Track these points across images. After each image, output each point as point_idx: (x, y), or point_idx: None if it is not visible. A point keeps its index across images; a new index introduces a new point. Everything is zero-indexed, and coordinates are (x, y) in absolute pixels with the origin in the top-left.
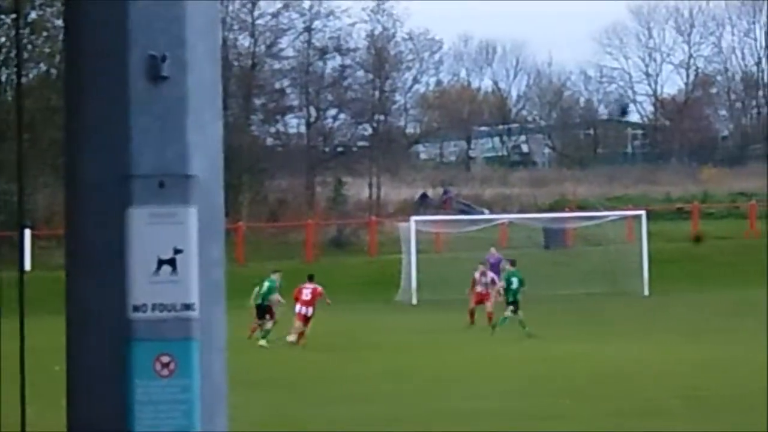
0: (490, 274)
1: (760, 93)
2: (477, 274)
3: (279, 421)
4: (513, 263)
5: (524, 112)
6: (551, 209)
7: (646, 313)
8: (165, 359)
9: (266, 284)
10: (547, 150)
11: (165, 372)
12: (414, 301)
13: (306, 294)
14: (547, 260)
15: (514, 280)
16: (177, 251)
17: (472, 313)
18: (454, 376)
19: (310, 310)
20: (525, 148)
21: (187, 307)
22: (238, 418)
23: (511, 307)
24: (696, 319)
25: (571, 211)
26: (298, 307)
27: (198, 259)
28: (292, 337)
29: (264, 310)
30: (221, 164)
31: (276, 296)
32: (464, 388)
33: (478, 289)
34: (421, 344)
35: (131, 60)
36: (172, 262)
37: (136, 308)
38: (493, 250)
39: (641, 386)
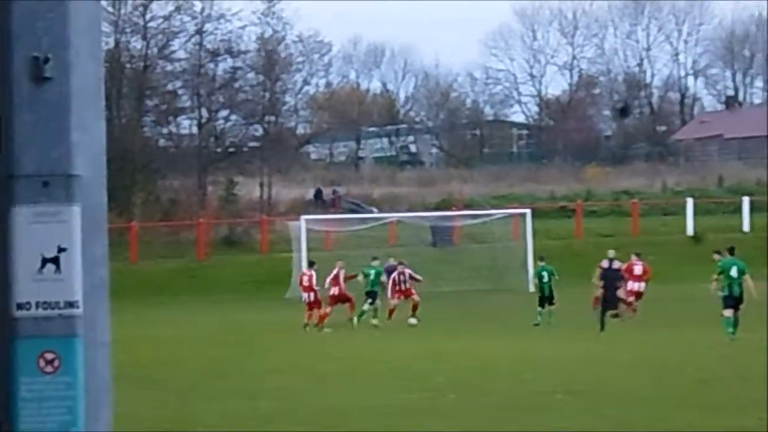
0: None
1: (642, 93)
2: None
3: (170, 417)
4: (542, 258)
5: (412, 113)
6: (438, 208)
7: (531, 309)
8: (49, 356)
9: (373, 271)
10: (434, 150)
11: (49, 369)
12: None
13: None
14: (435, 258)
15: (545, 274)
16: (61, 250)
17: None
18: (341, 372)
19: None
20: (413, 148)
21: (71, 304)
22: (130, 415)
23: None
24: (579, 314)
25: (458, 209)
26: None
27: (82, 258)
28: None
29: (374, 295)
30: (104, 164)
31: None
32: (350, 384)
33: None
34: (309, 341)
35: (14, 61)
36: (56, 261)
37: (20, 306)
38: (391, 260)
39: (527, 381)
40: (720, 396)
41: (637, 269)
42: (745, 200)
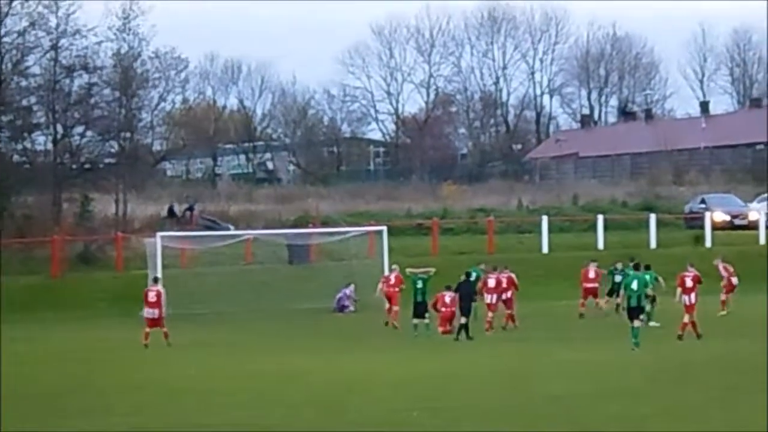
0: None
1: (498, 112)
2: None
3: None
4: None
5: (269, 130)
6: (295, 225)
7: (388, 326)
8: None
9: (474, 274)
10: (291, 167)
11: None
12: None
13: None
14: (291, 275)
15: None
16: None
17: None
18: (196, 389)
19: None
20: (270, 165)
21: None
22: None
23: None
24: (436, 332)
25: (315, 226)
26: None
27: None
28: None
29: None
30: None
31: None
32: (206, 401)
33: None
34: (161, 358)
35: None
36: None
37: None
38: (352, 286)
39: (382, 397)
40: (569, 413)
41: (491, 282)
42: (600, 218)
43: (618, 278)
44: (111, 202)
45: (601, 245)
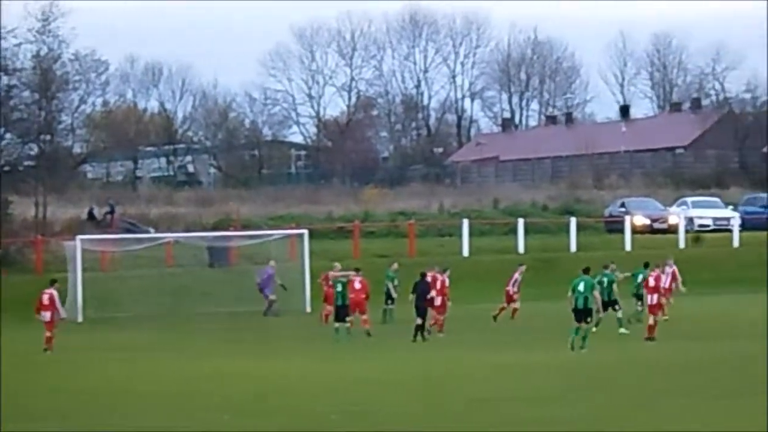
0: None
1: (420, 115)
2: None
3: None
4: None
5: (190, 133)
6: (216, 228)
7: (309, 330)
8: None
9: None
10: (212, 170)
11: None
12: (80, 318)
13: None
14: (212, 278)
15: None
16: None
17: None
18: (114, 392)
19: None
20: (191, 168)
21: None
22: None
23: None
24: (358, 336)
25: (236, 230)
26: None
27: None
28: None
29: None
30: None
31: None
32: (124, 405)
33: None
34: (83, 362)
35: None
36: None
37: None
38: (272, 263)
39: (303, 402)
40: (491, 417)
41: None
42: (520, 222)
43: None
44: (31, 205)
45: (521, 249)
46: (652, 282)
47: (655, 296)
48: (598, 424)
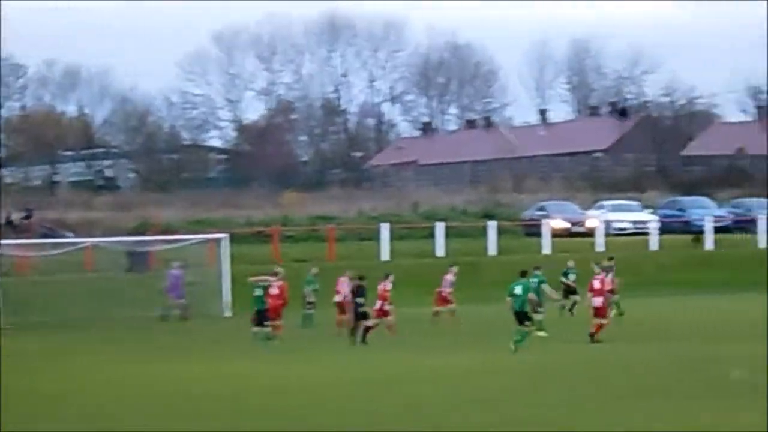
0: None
1: (339, 119)
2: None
3: None
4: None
5: (109, 137)
6: (135, 232)
7: (228, 334)
8: None
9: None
10: (131, 174)
11: None
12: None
13: None
14: (131, 283)
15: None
16: None
17: None
18: (21, 395)
19: None
20: (109, 172)
21: None
22: None
23: None
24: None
25: (155, 234)
26: None
27: None
28: None
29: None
30: None
31: None
32: (30, 408)
33: None
34: (10, 366)
35: None
36: None
37: None
38: (176, 264)
39: (217, 408)
40: (425, 421)
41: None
42: (439, 226)
43: (572, 277)
44: None
45: (440, 252)
46: (597, 284)
47: (600, 299)
48: (533, 425)
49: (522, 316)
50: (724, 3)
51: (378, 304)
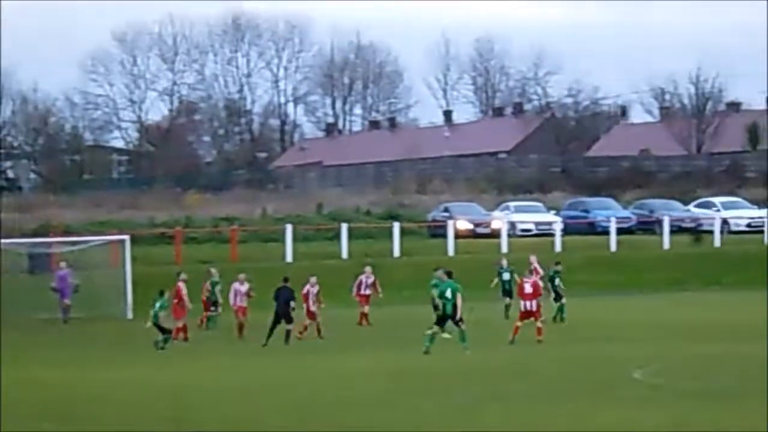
0: None
1: (243, 120)
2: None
3: None
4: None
5: (10, 138)
6: (36, 234)
7: (130, 337)
8: None
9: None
10: (32, 175)
11: None
12: None
13: None
14: (33, 285)
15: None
16: None
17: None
18: None
19: None
20: (11, 173)
21: None
22: None
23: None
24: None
25: (56, 236)
26: None
27: None
28: None
29: None
30: None
31: None
32: None
33: None
34: None
35: None
36: None
37: None
38: (63, 264)
39: (126, 411)
40: (317, 424)
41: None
42: (344, 227)
43: (506, 276)
44: None
45: (345, 254)
46: (528, 289)
47: (534, 302)
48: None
49: (450, 319)
50: (624, 3)
51: (305, 306)
